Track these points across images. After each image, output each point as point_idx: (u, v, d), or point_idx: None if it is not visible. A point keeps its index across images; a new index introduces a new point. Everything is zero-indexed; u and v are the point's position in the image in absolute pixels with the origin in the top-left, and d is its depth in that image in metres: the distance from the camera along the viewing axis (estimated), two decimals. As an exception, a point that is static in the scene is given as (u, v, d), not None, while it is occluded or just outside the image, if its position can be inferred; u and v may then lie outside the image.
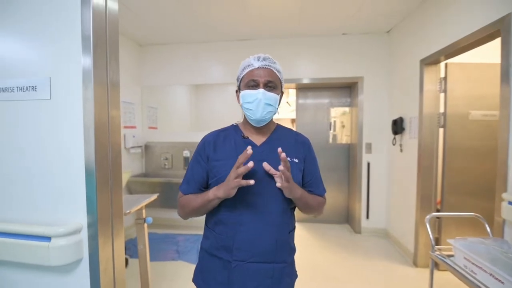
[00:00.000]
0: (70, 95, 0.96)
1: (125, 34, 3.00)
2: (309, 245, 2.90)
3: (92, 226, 0.98)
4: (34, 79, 0.97)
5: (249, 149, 0.73)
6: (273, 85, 0.86)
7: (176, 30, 2.95)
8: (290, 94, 4.36)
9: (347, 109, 3.53)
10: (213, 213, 0.89)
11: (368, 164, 3.13)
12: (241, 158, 0.74)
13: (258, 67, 0.86)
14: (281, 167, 0.75)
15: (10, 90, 0.98)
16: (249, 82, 0.86)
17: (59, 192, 0.98)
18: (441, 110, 2.22)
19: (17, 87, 0.97)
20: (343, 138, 3.60)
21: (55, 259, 0.91)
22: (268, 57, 0.88)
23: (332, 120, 3.58)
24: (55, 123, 0.98)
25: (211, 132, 0.97)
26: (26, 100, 0.97)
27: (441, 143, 2.26)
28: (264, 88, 0.84)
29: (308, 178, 0.95)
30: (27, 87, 0.97)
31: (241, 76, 0.90)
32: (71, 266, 0.97)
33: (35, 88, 0.97)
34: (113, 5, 1.07)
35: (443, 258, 1.32)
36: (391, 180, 3.02)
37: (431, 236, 1.43)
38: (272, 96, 0.85)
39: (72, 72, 0.96)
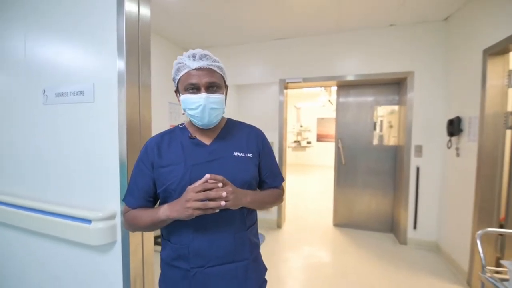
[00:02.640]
0: (108, 97, 1.11)
1: (170, 39, 3.27)
2: (345, 252, 2.74)
3: (125, 213, 1.11)
4: (82, 85, 1.14)
5: (207, 176, 0.69)
6: (216, 85, 0.77)
7: (214, 34, 3.09)
8: (332, 93, 4.17)
9: (396, 107, 3.21)
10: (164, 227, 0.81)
11: (418, 168, 2.80)
12: (198, 186, 0.68)
13: (195, 68, 0.74)
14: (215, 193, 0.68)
15: (65, 95, 1.17)
16: (187, 86, 0.75)
17: (98, 182, 1.14)
18: (509, 108, 1.85)
19: (70, 92, 1.16)
20: (391, 139, 3.29)
21: (94, 239, 1.07)
22: (205, 55, 0.76)
23: (378, 120, 3.30)
24: (97, 122, 1.14)
25: (154, 136, 0.87)
26: (76, 103, 1.16)
27: (508, 148, 1.89)
28: (207, 92, 0.75)
29: (265, 172, 0.89)
30: (77, 91, 1.15)
31: (177, 77, 0.79)
32: (107, 246, 1.12)
33: (83, 93, 1.14)
34: (145, 12, 1.18)
35: (494, 282, 1.11)
36: (444, 188, 2.65)
37: (481, 254, 1.22)
38: (217, 98, 0.77)
39: (109, 78, 1.10)
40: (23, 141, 1.35)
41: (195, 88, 0.75)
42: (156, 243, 2.74)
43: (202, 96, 0.74)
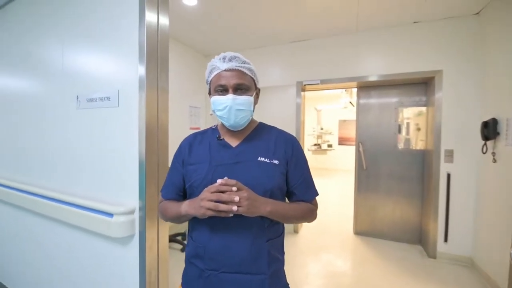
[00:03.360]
0: (130, 102, 1.21)
1: (192, 46, 3.43)
2: (366, 262, 2.62)
3: (142, 210, 1.19)
4: (108, 91, 1.26)
5: (219, 181, 0.69)
6: (245, 87, 0.78)
7: (233, 40, 3.19)
8: (354, 94, 4.06)
9: (423, 109, 3.03)
10: (191, 219, 0.83)
11: (448, 175, 2.60)
12: (213, 187, 0.68)
13: (225, 70, 0.76)
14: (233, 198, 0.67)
15: (94, 100, 1.29)
16: (216, 87, 0.78)
17: (120, 179, 1.24)
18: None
19: (98, 97, 1.28)
20: (418, 143, 3.10)
21: (115, 231, 1.16)
22: (235, 56, 0.78)
23: (404, 122, 3.14)
24: (120, 125, 1.24)
25: (188, 135, 0.91)
26: (103, 107, 1.27)
27: (552, 153, 1.69)
28: (234, 93, 0.76)
29: (294, 181, 0.83)
30: (104, 97, 1.27)
31: (209, 79, 0.82)
32: (126, 239, 1.21)
33: (109, 98, 1.25)
34: (164, 21, 1.27)
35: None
36: (480, 197, 2.43)
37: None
38: (244, 100, 0.77)
39: (132, 83, 1.20)
40: (57, 141, 1.51)
41: (224, 90, 0.77)
42: (173, 240, 2.87)
43: (229, 97, 0.76)
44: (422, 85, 2.98)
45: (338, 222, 3.75)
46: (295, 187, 0.84)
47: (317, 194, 0.87)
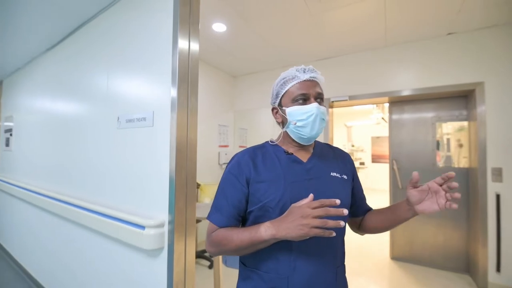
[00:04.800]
0: (163, 122, 1.31)
1: (221, 68, 3.63)
2: (404, 289, 2.39)
3: (171, 223, 1.25)
4: (144, 112, 1.39)
5: (311, 196, 0.62)
6: (322, 97, 0.78)
7: (261, 61, 3.32)
8: (386, 109, 3.90)
9: (465, 123, 2.81)
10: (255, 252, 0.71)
11: (498, 196, 2.33)
12: (315, 203, 0.59)
13: (305, 80, 0.75)
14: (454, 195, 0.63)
15: (132, 121, 1.43)
16: (297, 97, 0.74)
17: (151, 194, 1.33)
18: None
19: (136, 118, 1.41)
20: (461, 160, 2.85)
21: (146, 243, 1.23)
22: (313, 69, 0.78)
23: (443, 138, 2.92)
24: (155, 144, 1.35)
25: (244, 150, 0.81)
26: (140, 127, 1.40)
27: None
28: (316, 102, 0.75)
29: (358, 195, 0.86)
30: (141, 118, 1.39)
31: (283, 91, 0.78)
32: (156, 251, 1.27)
33: (145, 119, 1.37)
34: (195, 47, 1.38)
35: None
36: (540, 222, 2.12)
37: None
38: (325, 110, 0.77)
39: (165, 105, 1.31)
40: (97, 158, 1.68)
41: (305, 99, 0.74)
42: (201, 256, 2.90)
43: (314, 105, 0.73)
44: (461, 99, 2.78)
45: (373, 245, 3.50)
46: (360, 200, 0.87)
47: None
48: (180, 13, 1.30)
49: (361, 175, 8.35)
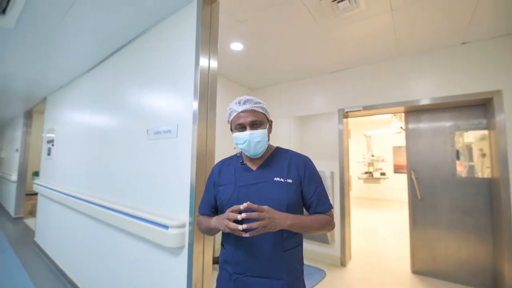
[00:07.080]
0: (186, 133, 1.48)
1: (239, 82, 3.83)
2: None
3: (192, 224, 1.39)
4: (170, 125, 1.57)
5: (242, 205, 0.81)
6: (258, 122, 0.95)
7: (278, 74, 3.48)
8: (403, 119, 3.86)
9: (485, 132, 2.73)
10: (223, 232, 0.98)
11: (524, 208, 2.23)
12: (236, 206, 0.82)
13: (241, 111, 0.95)
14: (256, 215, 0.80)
15: (159, 133, 1.61)
16: (236, 126, 0.97)
17: (174, 198, 1.48)
18: None
19: (163, 130, 1.60)
20: (484, 170, 2.75)
21: (170, 242, 1.37)
22: (248, 99, 0.96)
23: (464, 147, 2.85)
24: (178, 153, 1.51)
25: (219, 161, 1.12)
26: (165, 139, 1.58)
27: None
28: (251, 128, 0.94)
29: (309, 196, 0.96)
30: (167, 130, 1.57)
31: (230, 120, 1.01)
32: (177, 250, 1.41)
33: (170, 131, 1.55)
34: (214, 64, 1.55)
35: None
36: None
37: None
38: (259, 133, 0.94)
39: (187, 118, 1.48)
40: (128, 165, 1.88)
41: (242, 127, 0.95)
42: (217, 262, 2.99)
43: (247, 133, 0.94)
44: (480, 107, 2.73)
45: (393, 258, 3.41)
46: (310, 201, 0.97)
47: (331, 207, 0.99)
48: (202, 35, 1.48)
49: (382, 186, 8.07)
